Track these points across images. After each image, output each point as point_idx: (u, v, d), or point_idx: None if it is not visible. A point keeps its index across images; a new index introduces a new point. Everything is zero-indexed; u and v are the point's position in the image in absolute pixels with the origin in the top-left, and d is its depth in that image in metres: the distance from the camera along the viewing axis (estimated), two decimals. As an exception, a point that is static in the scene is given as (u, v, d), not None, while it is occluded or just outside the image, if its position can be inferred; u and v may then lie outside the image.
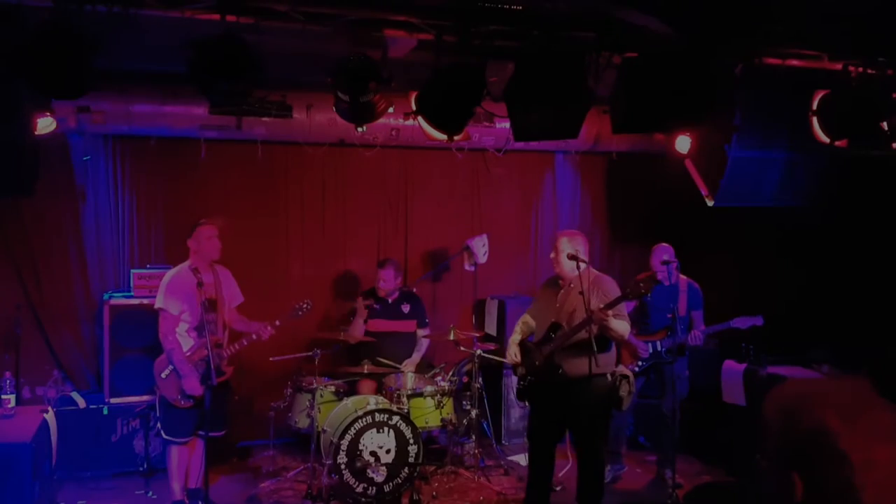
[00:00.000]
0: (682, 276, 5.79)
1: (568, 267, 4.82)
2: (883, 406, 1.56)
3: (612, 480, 5.87)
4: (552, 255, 4.97)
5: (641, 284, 4.63)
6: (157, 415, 5.21)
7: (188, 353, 5.00)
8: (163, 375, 5.03)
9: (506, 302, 6.88)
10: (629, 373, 5.03)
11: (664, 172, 6.29)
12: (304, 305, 5.44)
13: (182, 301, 5.01)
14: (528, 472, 5.16)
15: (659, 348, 5.77)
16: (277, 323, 5.25)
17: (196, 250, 5.14)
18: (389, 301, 6.32)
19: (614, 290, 4.77)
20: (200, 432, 5.11)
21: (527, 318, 5.23)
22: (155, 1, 3.85)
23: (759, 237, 6.31)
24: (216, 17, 3.92)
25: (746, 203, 5.54)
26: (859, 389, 1.60)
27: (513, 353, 5.08)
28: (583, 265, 4.67)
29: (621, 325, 4.68)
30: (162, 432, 5.14)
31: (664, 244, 5.82)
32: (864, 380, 1.61)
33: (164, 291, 5.05)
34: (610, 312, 4.57)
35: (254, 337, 5.20)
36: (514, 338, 5.17)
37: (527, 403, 5.08)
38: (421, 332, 6.40)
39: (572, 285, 4.77)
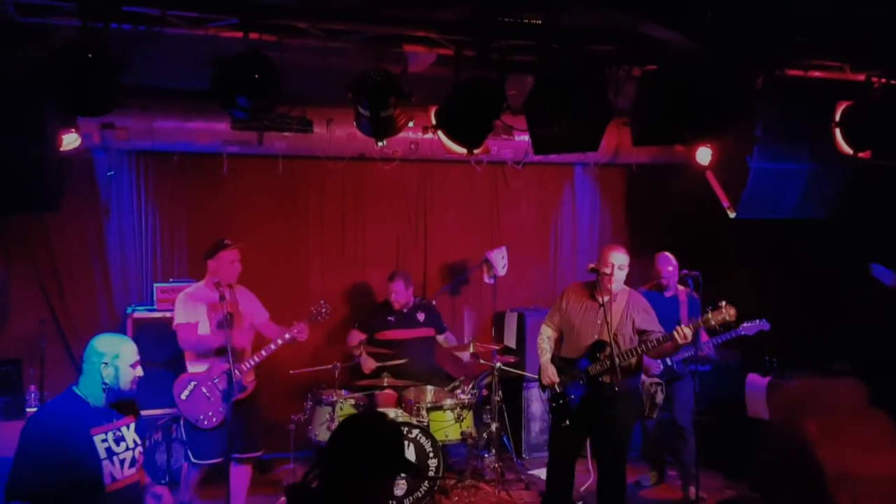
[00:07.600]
0: (681, 287, 5.76)
1: (619, 283, 4.79)
2: (872, 415, 1.53)
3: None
4: (607, 270, 4.73)
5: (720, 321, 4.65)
6: (184, 439, 5.13)
7: (207, 372, 4.94)
8: (182, 397, 4.91)
9: (525, 314, 6.86)
10: (660, 380, 5.09)
11: (685, 184, 6.25)
12: (323, 310, 5.24)
13: (200, 317, 4.95)
14: (546, 486, 5.10)
15: (670, 363, 5.67)
16: (296, 329, 5.09)
17: (215, 271, 5.05)
18: (405, 311, 6.34)
19: (651, 310, 4.87)
20: (235, 455, 4.91)
21: (550, 332, 5.07)
22: (179, 20, 3.91)
23: (781, 249, 6.24)
24: (239, 34, 3.97)
25: (768, 215, 5.50)
26: (852, 395, 1.58)
27: (551, 374, 4.88)
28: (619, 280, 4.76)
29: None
30: (191, 456, 5.01)
31: (666, 253, 5.82)
32: (860, 385, 1.59)
33: (182, 308, 4.99)
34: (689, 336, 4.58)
35: (273, 347, 5.05)
36: (547, 357, 4.98)
37: (567, 422, 4.86)
38: (441, 337, 6.48)
39: (615, 301, 4.77)
